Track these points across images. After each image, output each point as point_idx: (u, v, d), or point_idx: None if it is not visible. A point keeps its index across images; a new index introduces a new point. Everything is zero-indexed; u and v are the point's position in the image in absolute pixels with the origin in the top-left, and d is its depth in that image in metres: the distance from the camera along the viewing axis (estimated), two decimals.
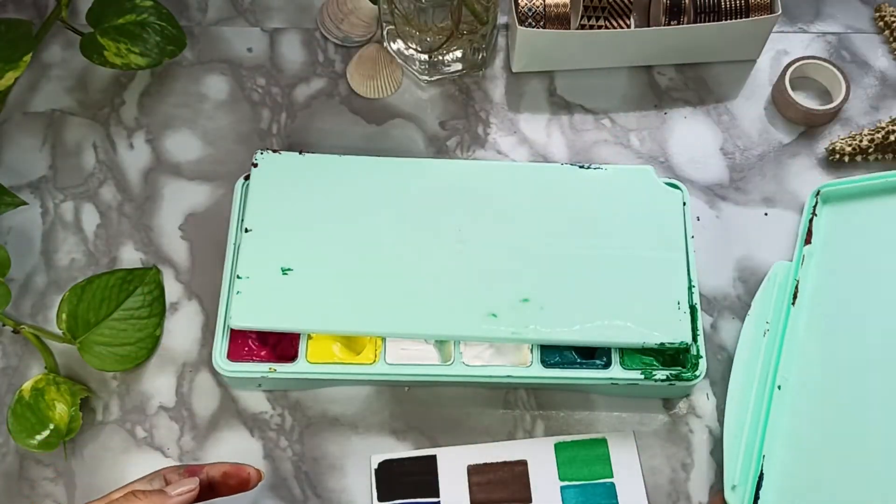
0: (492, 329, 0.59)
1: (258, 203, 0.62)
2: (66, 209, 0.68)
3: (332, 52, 0.74)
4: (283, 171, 0.64)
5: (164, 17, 0.69)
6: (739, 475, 0.57)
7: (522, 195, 0.63)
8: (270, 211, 0.62)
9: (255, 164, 0.64)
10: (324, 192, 0.63)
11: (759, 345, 0.61)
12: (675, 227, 0.63)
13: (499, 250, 0.61)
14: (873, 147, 0.69)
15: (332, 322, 0.59)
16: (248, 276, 0.59)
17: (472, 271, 0.60)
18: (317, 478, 0.60)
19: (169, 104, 0.72)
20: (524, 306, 0.59)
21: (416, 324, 0.59)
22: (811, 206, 0.66)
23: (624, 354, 0.60)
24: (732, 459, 0.58)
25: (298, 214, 0.62)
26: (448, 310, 0.59)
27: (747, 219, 0.68)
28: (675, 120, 0.72)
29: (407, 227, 0.62)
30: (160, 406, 0.62)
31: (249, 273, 0.60)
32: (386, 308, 0.59)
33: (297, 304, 0.59)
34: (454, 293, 0.60)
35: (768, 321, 0.62)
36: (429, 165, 0.65)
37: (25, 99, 0.72)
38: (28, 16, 0.75)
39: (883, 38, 0.75)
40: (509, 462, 0.60)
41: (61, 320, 0.62)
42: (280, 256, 0.60)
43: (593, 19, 0.70)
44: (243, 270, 0.60)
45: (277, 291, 0.59)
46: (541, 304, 0.59)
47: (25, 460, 0.61)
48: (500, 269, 0.60)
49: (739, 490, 0.57)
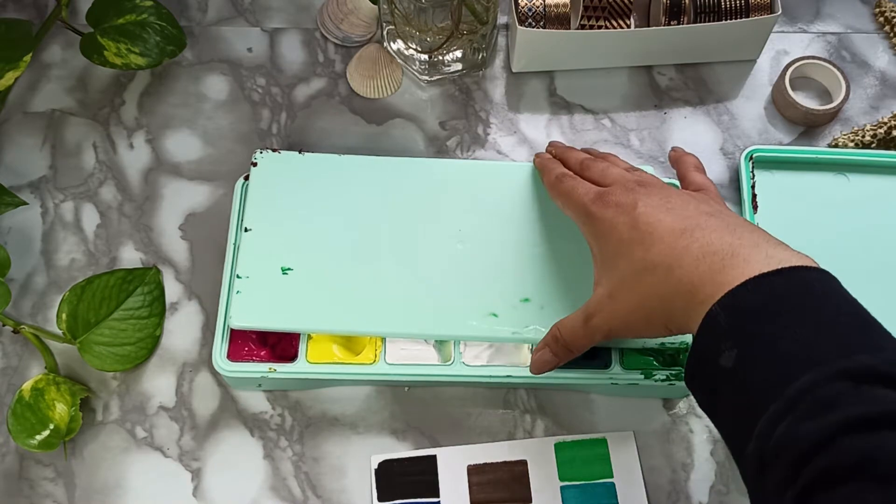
0: (492, 329, 0.58)
1: (258, 202, 0.62)
2: (66, 209, 0.68)
3: (332, 52, 0.74)
4: (283, 170, 0.63)
5: (164, 17, 0.69)
6: None
7: (523, 195, 0.63)
8: (270, 210, 0.62)
9: (255, 163, 0.64)
10: (324, 191, 0.63)
11: None
12: None
13: (499, 250, 0.61)
14: (876, 143, 0.69)
15: (332, 322, 0.59)
16: (248, 276, 0.59)
17: (473, 271, 0.60)
18: (317, 478, 0.60)
19: (169, 104, 0.72)
20: (525, 306, 0.59)
21: (416, 324, 0.59)
22: (748, 170, 0.67)
23: (624, 354, 0.60)
24: None
25: (298, 214, 0.62)
26: (448, 309, 0.59)
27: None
28: (675, 120, 0.72)
29: (407, 227, 0.62)
30: (160, 406, 0.62)
31: (249, 273, 0.60)
32: (386, 308, 0.59)
33: (298, 304, 0.59)
34: (454, 293, 0.60)
35: None
36: (429, 165, 0.65)
37: (25, 99, 0.72)
38: (28, 16, 0.75)
39: (883, 35, 0.75)
40: (509, 462, 0.60)
41: (61, 320, 0.62)
42: (280, 256, 0.60)
43: (593, 19, 0.70)
44: (243, 270, 0.60)
45: (277, 291, 0.59)
46: (541, 304, 0.59)
47: (25, 460, 0.61)
48: (501, 269, 0.60)
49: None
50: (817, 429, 0.38)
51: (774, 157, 0.68)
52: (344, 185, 0.63)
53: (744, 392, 0.42)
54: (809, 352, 0.41)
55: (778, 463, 0.39)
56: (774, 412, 0.40)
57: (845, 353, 0.40)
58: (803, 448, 0.38)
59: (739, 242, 0.46)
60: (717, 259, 0.46)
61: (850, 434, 0.37)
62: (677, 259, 0.47)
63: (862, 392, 0.38)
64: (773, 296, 0.43)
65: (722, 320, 0.44)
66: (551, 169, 0.61)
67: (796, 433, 0.38)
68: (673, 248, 0.48)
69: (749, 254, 0.45)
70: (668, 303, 0.48)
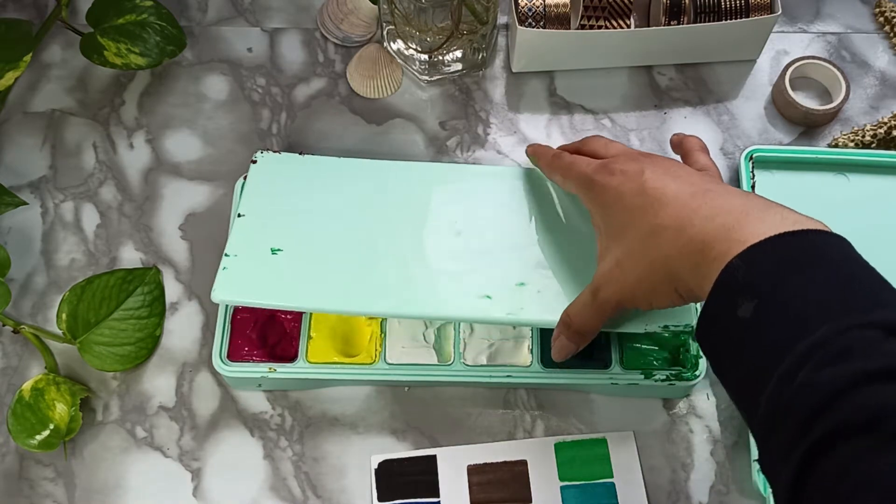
0: (486, 310, 0.57)
1: (253, 193, 0.62)
2: (66, 209, 0.68)
3: (332, 52, 0.74)
4: (282, 170, 0.63)
5: (164, 17, 0.69)
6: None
7: (520, 194, 0.63)
8: (265, 201, 0.62)
9: (254, 160, 0.64)
10: (321, 191, 0.63)
11: None
12: None
13: (494, 240, 0.61)
14: (876, 143, 0.69)
15: (320, 300, 0.58)
16: (236, 255, 0.59)
17: (466, 256, 0.60)
18: (317, 478, 0.60)
19: (169, 104, 0.72)
20: (520, 290, 0.58)
21: (408, 304, 0.58)
22: (748, 170, 0.67)
23: (624, 354, 0.60)
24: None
25: (294, 205, 0.62)
26: (441, 291, 0.58)
27: None
28: (675, 120, 0.72)
29: (403, 220, 0.61)
30: (160, 406, 0.62)
31: (238, 252, 0.59)
32: (377, 288, 0.58)
33: (286, 283, 0.58)
34: (448, 276, 0.59)
35: None
36: (426, 168, 0.65)
37: (25, 99, 0.72)
38: (28, 16, 0.75)
39: (883, 34, 0.75)
40: (509, 462, 0.60)
41: (61, 320, 0.62)
42: (271, 239, 0.60)
43: (593, 19, 0.70)
44: (231, 249, 0.59)
45: (266, 270, 0.58)
46: (537, 288, 0.58)
47: (25, 460, 0.61)
48: (495, 257, 0.60)
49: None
50: (838, 375, 0.37)
51: (774, 157, 0.68)
52: (342, 185, 0.63)
53: (761, 343, 0.41)
54: (832, 304, 0.40)
55: (792, 416, 0.38)
56: (792, 362, 0.39)
57: (868, 308, 0.39)
58: (822, 394, 0.37)
59: (751, 203, 0.46)
60: (731, 218, 0.45)
61: (872, 384, 0.36)
62: (688, 219, 0.46)
63: (885, 345, 0.37)
64: (796, 250, 0.42)
65: (741, 274, 0.42)
66: (546, 150, 0.61)
67: (816, 380, 0.37)
68: (682, 209, 0.47)
69: (762, 214, 0.44)
70: (678, 263, 0.47)
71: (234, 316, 0.62)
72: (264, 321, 0.62)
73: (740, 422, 0.61)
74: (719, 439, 0.61)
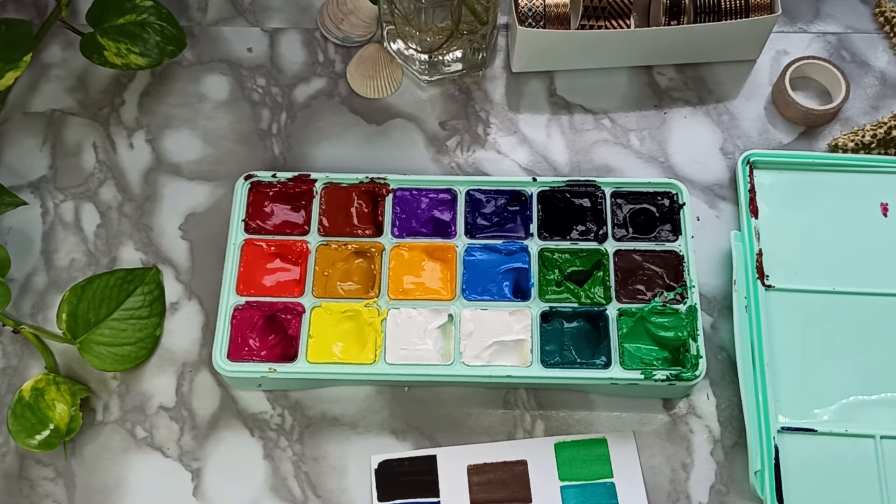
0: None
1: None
2: (66, 209, 0.68)
3: (332, 52, 0.74)
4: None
5: (164, 17, 0.69)
6: (759, 459, 0.58)
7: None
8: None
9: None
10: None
11: (743, 324, 0.62)
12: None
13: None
14: (875, 143, 0.69)
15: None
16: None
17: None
18: (317, 478, 0.60)
19: (169, 104, 0.72)
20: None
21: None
22: (745, 174, 0.67)
23: (624, 354, 0.60)
24: (753, 444, 0.59)
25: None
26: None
27: None
28: (675, 120, 0.72)
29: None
30: (160, 406, 0.62)
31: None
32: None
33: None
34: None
35: (745, 296, 0.63)
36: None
37: (25, 99, 0.72)
38: (28, 16, 0.75)
39: (883, 34, 0.75)
40: (509, 462, 0.60)
41: (61, 320, 0.62)
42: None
43: (593, 19, 0.70)
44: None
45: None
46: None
47: (25, 460, 0.61)
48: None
49: (761, 474, 0.58)
50: None
51: (772, 161, 0.68)
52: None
53: None
54: None
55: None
56: None
57: None
58: None
59: None
60: None
61: None
62: None
63: None
64: None
65: None
66: None
67: None
68: None
69: None
70: None
71: (234, 316, 0.62)
72: (264, 321, 0.62)
73: (740, 422, 0.61)
74: (719, 439, 0.61)
